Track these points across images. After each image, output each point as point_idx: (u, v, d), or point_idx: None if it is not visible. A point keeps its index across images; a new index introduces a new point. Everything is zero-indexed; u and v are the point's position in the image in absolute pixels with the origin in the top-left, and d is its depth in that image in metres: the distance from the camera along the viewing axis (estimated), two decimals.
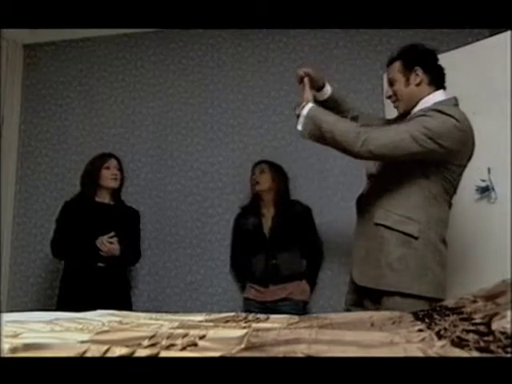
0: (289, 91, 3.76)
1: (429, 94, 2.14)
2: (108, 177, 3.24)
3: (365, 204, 2.23)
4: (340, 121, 2.09)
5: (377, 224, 2.11)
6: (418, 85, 2.15)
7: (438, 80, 2.17)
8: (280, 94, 3.78)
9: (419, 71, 2.14)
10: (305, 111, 2.09)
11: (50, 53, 4.25)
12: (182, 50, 4.00)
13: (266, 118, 3.78)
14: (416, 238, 2.03)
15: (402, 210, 2.07)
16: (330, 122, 2.05)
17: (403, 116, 2.22)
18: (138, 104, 4.04)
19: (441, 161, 2.04)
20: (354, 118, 2.40)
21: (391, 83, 2.23)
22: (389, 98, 2.27)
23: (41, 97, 4.21)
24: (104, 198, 3.26)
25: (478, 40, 2.88)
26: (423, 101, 2.13)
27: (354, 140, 1.98)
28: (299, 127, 2.09)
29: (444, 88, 2.17)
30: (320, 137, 2.07)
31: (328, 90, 2.42)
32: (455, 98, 2.14)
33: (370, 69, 3.61)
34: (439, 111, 2.00)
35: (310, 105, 2.12)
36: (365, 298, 2.17)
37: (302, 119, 2.09)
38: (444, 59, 2.91)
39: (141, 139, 3.98)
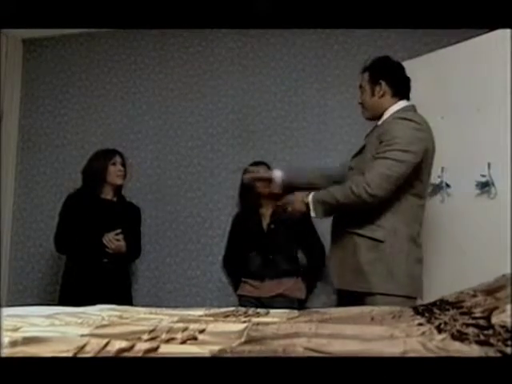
0: (289, 87, 3.75)
1: (392, 104, 2.31)
2: (114, 173, 3.23)
3: (339, 214, 2.35)
4: (336, 188, 2.22)
5: (350, 232, 2.25)
6: (381, 96, 2.32)
7: (401, 91, 2.33)
8: (281, 89, 3.77)
9: (383, 84, 2.31)
10: (310, 198, 2.24)
11: (50, 47, 4.24)
12: (181, 46, 3.99)
13: (265, 114, 3.78)
14: (382, 242, 2.17)
15: (372, 217, 2.20)
16: (330, 194, 2.22)
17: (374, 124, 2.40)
18: (138, 99, 4.03)
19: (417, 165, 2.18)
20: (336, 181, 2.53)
21: (361, 91, 2.42)
22: (360, 104, 2.45)
23: (40, 92, 4.20)
24: (107, 194, 3.26)
25: (477, 35, 2.86)
26: (386, 112, 2.31)
27: (355, 197, 2.12)
28: (313, 214, 2.26)
29: (407, 98, 2.33)
30: (332, 210, 2.26)
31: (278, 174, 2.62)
32: (413, 106, 2.30)
33: None
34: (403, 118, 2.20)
35: (311, 193, 2.26)
36: (344, 298, 2.28)
37: (311, 206, 2.24)
38: (443, 55, 2.92)
39: (140, 134, 3.98)
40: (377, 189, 2.09)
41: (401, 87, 2.33)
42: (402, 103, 2.31)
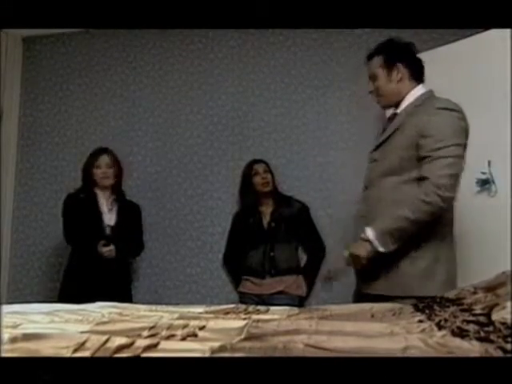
0: (289, 84, 3.75)
1: (411, 89, 2.16)
2: (99, 176, 3.22)
3: (370, 214, 2.15)
4: (401, 210, 1.99)
5: None
6: (399, 81, 2.16)
7: (418, 74, 2.18)
8: (281, 86, 3.77)
9: (400, 67, 2.16)
10: (370, 235, 2.00)
11: (50, 46, 4.24)
12: (181, 43, 3.99)
13: (265, 111, 3.77)
14: (425, 241, 2.03)
15: None
16: (397, 219, 1.98)
17: (389, 119, 2.24)
18: (138, 97, 4.02)
19: None
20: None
21: (372, 78, 2.23)
22: (371, 92, 2.27)
23: (40, 89, 4.20)
24: (104, 192, 3.26)
25: (478, 33, 2.86)
26: (406, 98, 2.16)
27: (430, 206, 1.94)
28: (382, 249, 1.99)
29: (423, 81, 2.19)
30: (404, 234, 1.99)
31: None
32: (432, 91, 2.17)
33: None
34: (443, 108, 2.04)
35: (368, 229, 2.02)
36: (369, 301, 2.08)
37: (376, 243, 1.99)
38: (444, 52, 2.92)
39: (141, 132, 3.98)
40: (448, 191, 1.93)
41: (418, 69, 2.18)
42: (421, 88, 2.17)
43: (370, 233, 2.00)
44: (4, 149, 3.92)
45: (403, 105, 2.17)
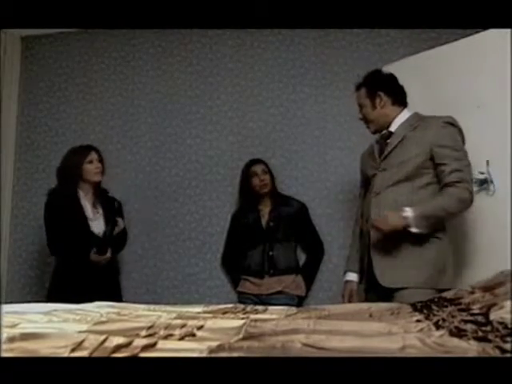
0: (288, 83, 3.75)
1: (397, 113, 2.43)
2: (92, 171, 3.12)
3: (380, 211, 2.32)
4: (441, 200, 2.25)
5: (402, 230, 2.24)
6: (383, 107, 2.42)
7: (400, 99, 2.46)
8: (279, 86, 3.76)
9: (382, 94, 2.42)
10: (410, 214, 2.19)
11: (48, 45, 4.23)
12: (180, 43, 3.98)
13: (264, 111, 3.77)
14: (438, 238, 2.26)
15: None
16: (438, 207, 2.24)
17: (382, 136, 2.47)
18: (137, 96, 4.02)
19: None
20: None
21: (360, 107, 2.52)
22: (361, 119, 2.54)
23: (39, 89, 4.20)
24: (87, 191, 3.18)
25: (477, 32, 2.86)
26: (396, 120, 2.42)
27: (466, 203, 2.27)
28: (415, 230, 2.20)
29: (407, 105, 2.47)
30: (437, 223, 2.26)
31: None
32: (417, 112, 2.44)
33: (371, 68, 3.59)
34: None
35: (410, 209, 2.20)
36: (377, 294, 2.29)
37: (413, 223, 2.19)
38: (443, 52, 2.92)
39: (139, 131, 3.97)
40: (472, 192, 2.25)
41: (398, 95, 2.45)
42: (407, 111, 2.43)
43: (409, 213, 2.18)
44: (3, 148, 3.92)
45: (395, 125, 2.42)
